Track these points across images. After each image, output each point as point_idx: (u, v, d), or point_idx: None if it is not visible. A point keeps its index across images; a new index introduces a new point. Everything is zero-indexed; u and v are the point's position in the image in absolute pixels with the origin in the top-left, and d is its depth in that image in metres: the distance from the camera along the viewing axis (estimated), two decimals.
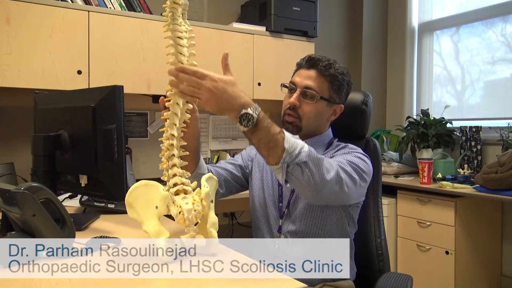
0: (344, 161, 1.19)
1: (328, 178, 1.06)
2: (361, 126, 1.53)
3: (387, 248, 1.49)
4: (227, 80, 1.00)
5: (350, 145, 1.34)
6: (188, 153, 1.11)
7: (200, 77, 0.98)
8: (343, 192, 1.12)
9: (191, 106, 1.10)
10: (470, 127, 2.90)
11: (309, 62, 1.33)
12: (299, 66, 1.37)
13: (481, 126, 2.85)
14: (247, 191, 1.50)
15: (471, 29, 3.14)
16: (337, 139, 1.42)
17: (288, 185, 1.07)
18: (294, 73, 1.39)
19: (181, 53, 1.04)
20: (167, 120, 1.06)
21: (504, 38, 2.95)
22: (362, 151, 1.30)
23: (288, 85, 1.36)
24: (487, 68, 3.04)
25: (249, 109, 0.99)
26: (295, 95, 1.31)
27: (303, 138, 1.33)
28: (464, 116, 3.15)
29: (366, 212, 1.48)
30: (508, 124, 2.68)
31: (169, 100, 1.07)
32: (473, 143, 2.87)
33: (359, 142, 1.52)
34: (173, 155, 1.06)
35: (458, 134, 2.96)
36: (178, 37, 1.03)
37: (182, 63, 1.03)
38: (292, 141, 1.02)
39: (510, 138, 2.61)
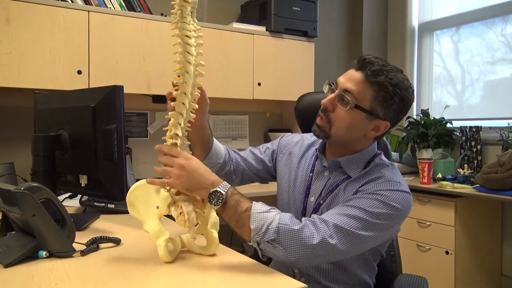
0: (353, 212, 1.03)
1: (308, 246, 0.97)
2: None
3: (399, 249, 1.42)
4: (197, 160, 1.02)
5: (385, 176, 1.11)
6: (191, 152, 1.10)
7: (174, 155, 1.02)
8: (339, 252, 1.00)
9: (196, 106, 1.06)
10: (470, 127, 2.90)
11: (360, 63, 1.12)
12: (351, 65, 1.16)
13: (481, 126, 2.85)
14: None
15: (471, 29, 3.14)
16: (380, 155, 1.21)
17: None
18: None
19: (188, 52, 1.00)
20: (172, 119, 1.04)
21: (504, 38, 2.95)
22: (395, 187, 1.08)
23: (331, 83, 1.16)
24: (487, 68, 3.04)
25: (218, 187, 0.99)
26: (330, 96, 1.13)
27: (335, 150, 1.20)
28: (464, 116, 3.15)
29: None
30: (508, 124, 2.68)
31: (175, 99, 1.04)
32: (473, 143, 2.87)
33: None
34: None
35: (458, 134, 2.96)
36: (186, 36, 1.00)
37: (189, 62, 1.01)
38: (259, 218, 0.98)
39: (510, 138, 2.61)
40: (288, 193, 1.28)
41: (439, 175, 2.63)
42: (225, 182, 1.02)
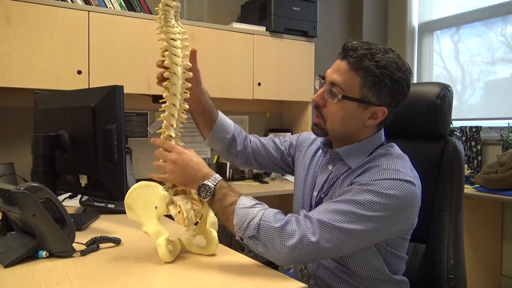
0: (340, 207, 0.96)
1: (288, 245, 0.92)
2: (436, 125, 1.27)
3: (465, 273, 1.23)
4: (190, 153, 1.03)
5: (381, 165, 1.03)
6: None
7: (167, 149, 1.03)
8: (324, 249, 0.93)
9: (187, 106, 1.08)
10: (470, 127, 2.90)
11: (343, 52, 1.06)
12: (338, 55, 1.11)
13: (481, 126, 2.85)
14: None
15: (471, 29, 3.14)
16: (388, 145, 1.12)
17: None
18: None
19: (175, 55, 1.04)
20: (164, 121, 1.06)
21: (504, 38, 2.95)
22: (390, 175, 0.99)
23: (321, 78, 1.14)
24: (487, 68, 3.04)
25: (208, 180, 1.00)
26: (319, 91, 1.10)
27: (335, 144, 1.16)
28: (464, 116, 3.15)
29: (439, 226, 1.23)
30: (508, 124, 2.68)
31: (165, 102, 1.06)
32: (473, 143, 2.87)
33: (434, 144, 1.28)
34: None
35: (458, 134, 2.96)
36: (171, 39, 1.04)
37: (176, 64, 1.03)
38: (242, 213, 0.96)
39: (510, 138, 2.61)
40: (300, 189, 1.26)
41: None
42: (216, 175, 1.02)
